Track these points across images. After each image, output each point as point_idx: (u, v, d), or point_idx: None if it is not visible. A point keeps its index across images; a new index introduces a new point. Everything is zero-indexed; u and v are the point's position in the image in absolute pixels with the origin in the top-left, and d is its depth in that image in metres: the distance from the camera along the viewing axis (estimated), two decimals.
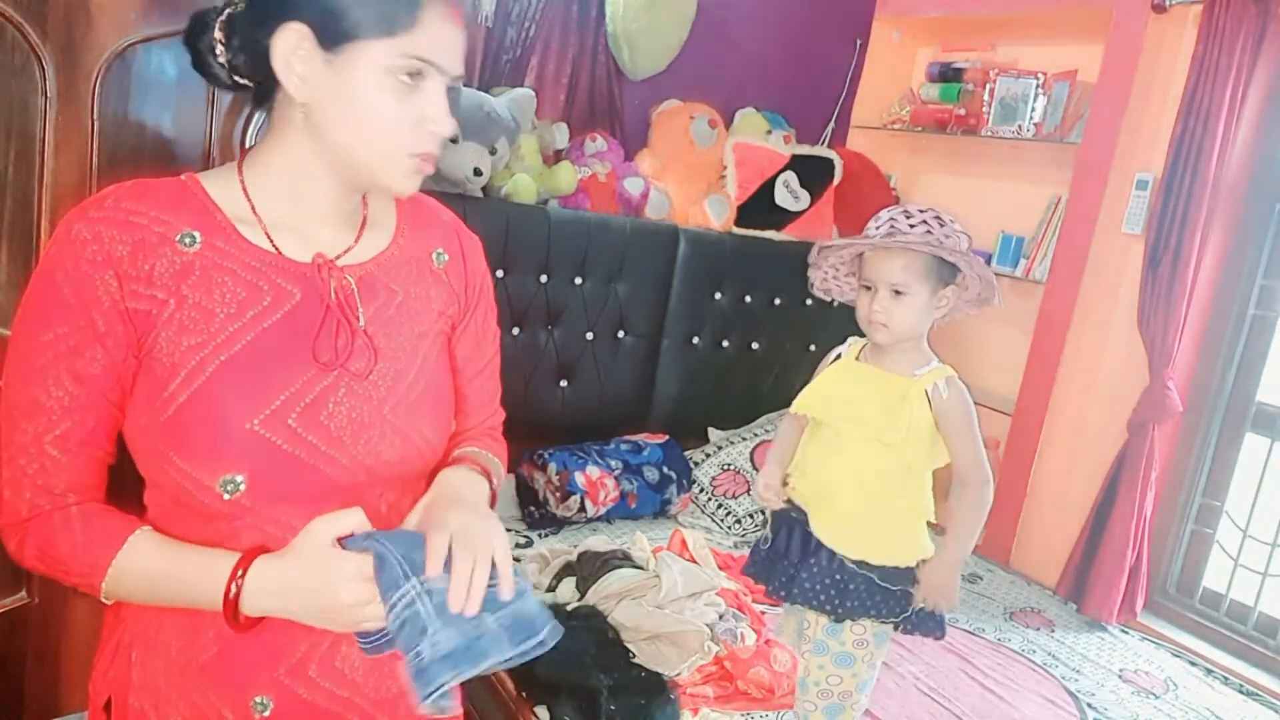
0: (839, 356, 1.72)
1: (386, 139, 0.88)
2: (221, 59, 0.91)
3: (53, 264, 0.85)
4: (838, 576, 1.61)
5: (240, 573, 0.84)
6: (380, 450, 0.94)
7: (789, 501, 1.69)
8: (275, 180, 0.93)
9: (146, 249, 0.86)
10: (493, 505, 1.03)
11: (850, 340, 1.72)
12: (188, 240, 0.88)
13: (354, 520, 0.87)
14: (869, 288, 1.60)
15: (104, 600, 0.89)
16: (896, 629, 1.65)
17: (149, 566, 0.86)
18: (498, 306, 1.16)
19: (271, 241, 0.92)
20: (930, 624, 1.64)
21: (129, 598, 0.90)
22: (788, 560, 1.66)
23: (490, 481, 1.04)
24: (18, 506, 0.87)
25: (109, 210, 0.86)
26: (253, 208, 0.92)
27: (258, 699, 0.93)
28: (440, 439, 1.01)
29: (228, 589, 0.83)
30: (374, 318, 0.95)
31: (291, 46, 0.86)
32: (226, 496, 0.86)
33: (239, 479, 0.86)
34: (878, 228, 1.58)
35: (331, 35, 0.85)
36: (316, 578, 0.84)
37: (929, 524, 1.66)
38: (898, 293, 1.56)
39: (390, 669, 0.98)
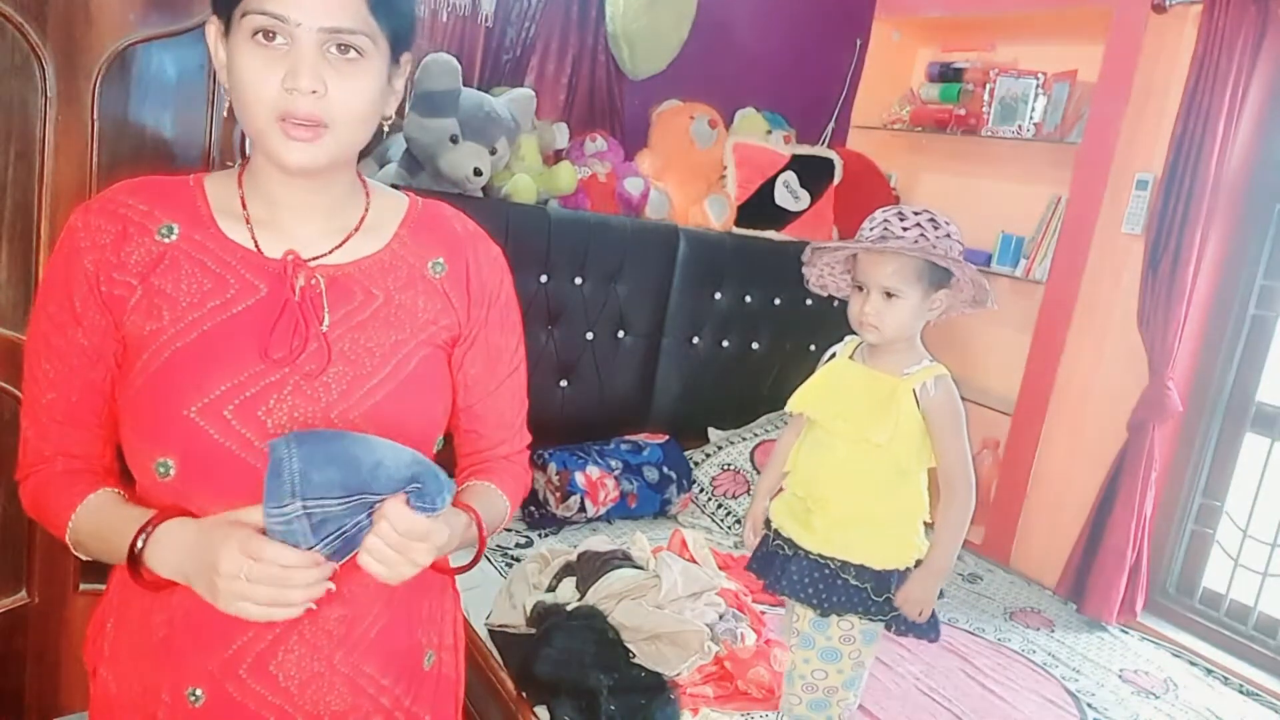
0: (834, 355, 1.72)
1: (255, 105, 0.86)
2: None
3: (55, 250, 0.93)
4: (826, 570, 1.61)
5: (152, 526, 0.86)
6: None
7: (769, 528, 1.72)
8: (254, 177, 0.95)
9: (127, 238, 0.91)
10: (479, 551, 1.00)
11: (846, 339, 1.73)
12: (165, 231, 0.92)
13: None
14: (861, 288, 1.60)
15: (74, 551, 0.94)
16: (889, 629, 1.65)
17: (94, 518, 0.91)
18: None
19: (254, 238, 0.93)
20: (923, 626, 1.64)
21: (85, 550, 0.93)
22: (782, 553, 1.67)
23: (475, 517, 0.98)
24: (23, 463, 0.96)
25: (105, 202, 0.92)
26: (243, 204, 0.95)
27: (192, 689, 0.93)
28: None
29: (135, 539, 0.86)
30: (342, 320, 0.94)
31: (213, 40, 0.92)
32: (159, 478, 0.89)
33: (170, 463, 0.89)
34: (871, 229, 1.58)
35: (223, 18, 0.89)
36: (206, 537, 0.83)
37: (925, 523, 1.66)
38: (890, 295, 1.56)
39: (331, 684, 0.96)
